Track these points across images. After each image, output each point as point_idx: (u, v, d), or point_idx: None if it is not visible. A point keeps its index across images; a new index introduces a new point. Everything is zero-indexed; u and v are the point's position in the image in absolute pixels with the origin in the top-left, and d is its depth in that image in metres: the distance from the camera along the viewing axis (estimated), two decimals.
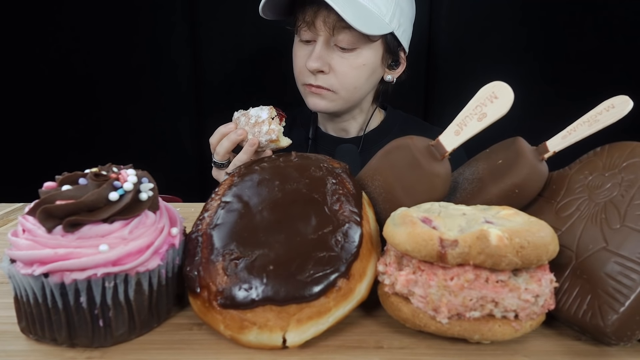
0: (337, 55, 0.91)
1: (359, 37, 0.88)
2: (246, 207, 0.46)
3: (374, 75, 0.97)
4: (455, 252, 0.37)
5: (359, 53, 0.91)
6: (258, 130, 0.78)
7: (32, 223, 0.40)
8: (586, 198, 0.46)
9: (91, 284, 0.38)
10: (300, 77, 0.97)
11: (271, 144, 0.79)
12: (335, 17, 0.86)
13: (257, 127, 0.78)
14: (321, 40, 0.90)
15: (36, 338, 0.41)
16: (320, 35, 0.90)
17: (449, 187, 0.51)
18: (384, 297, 0.43)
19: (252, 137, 0.78)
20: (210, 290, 0.41)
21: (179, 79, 1.31)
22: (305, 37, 0.93)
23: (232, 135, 0.79)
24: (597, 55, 1.23)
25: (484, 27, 1.25)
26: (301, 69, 0.95)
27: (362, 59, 0.92)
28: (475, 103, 0.48)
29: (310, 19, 0.89)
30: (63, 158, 1.33)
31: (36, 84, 1.30)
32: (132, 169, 0.44)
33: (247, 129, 0.79)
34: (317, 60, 0.90)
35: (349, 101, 0.97)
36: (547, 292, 0.39)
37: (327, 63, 0.91)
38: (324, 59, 0.91)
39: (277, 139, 0.78)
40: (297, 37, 0.97)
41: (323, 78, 0.93)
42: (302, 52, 0.95)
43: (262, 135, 0.78)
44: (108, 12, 1.26)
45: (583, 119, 0.50)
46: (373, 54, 0.93)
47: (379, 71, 0.97)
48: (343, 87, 0.93)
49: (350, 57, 0.91)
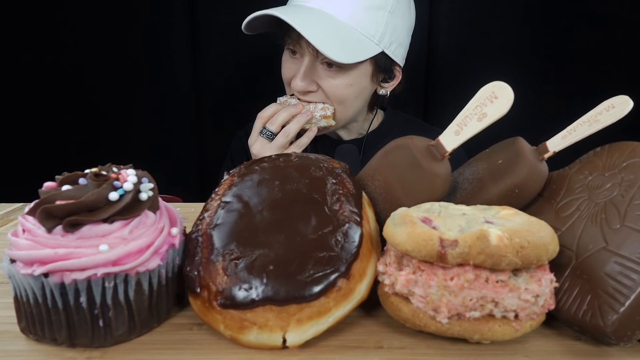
0: (324, 74, 0.90)
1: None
2: (246, 207, 0.46)
3: (363, 93, 0.96)
4: (455, 252, 0.37)
5: (345, 73, 0.90)
6: (314, 107, 0.89)
7: (32, 223, 0.40)
8: (586, 198, 0.46)
9: (91, 284, 0.38)
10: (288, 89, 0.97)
11: (323, 121, 0.89)
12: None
13: (312, 104, 0.89)
14: (306, 60, 0.89)
15: (36, 338, 0.41)
16: (305, 56, 0.89)
17: (449, 187, 0.51)
18: (384, 297, 0.43)
19: (313, 127, 0.89)
20: (210, 290, 0.41)
21: (179, 79, 1.32)
22: (293, 49, 0.92)
23: (290, 107, 0.86)
24: (597, 55, 1.23)
25: (484, 27, 1.25)
26: (288, 80, 0.95)
27: (349, 79, 0.90)
28: (475, 103, 0.48)
29: (296, 37, 0.88)
30: (63, 158, 1.33)
31: (36, 84, 1.30)
32: (132, 169, 0.44)
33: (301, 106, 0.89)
34: (304, 80, 0.90)
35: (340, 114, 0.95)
36: (547, 292, 0.39)
37: (313, 81, 0.91)
38: (311, 77, 0.90)
39: (330, 115, 0.89)
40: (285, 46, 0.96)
41: (312, 95, 0.92)
42: (289, 63, 0.94)
43: (318, 110, 0.88)
44: (108, 13, 1.26)
45: (583, 119, 0.50)
46: (361, 74, 0.92)
47: (369, 88, 0.96)
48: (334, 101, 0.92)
49: (338, 75, 0.90)
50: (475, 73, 1.20)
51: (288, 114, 0.87)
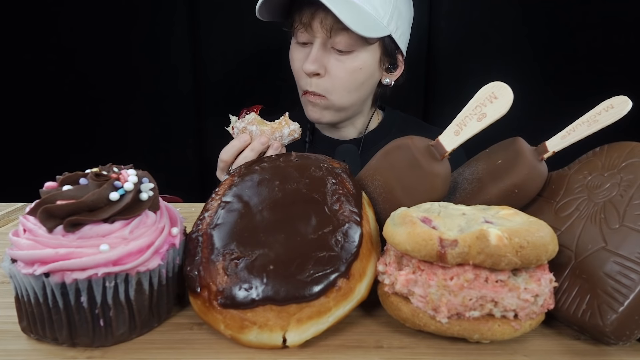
0: (334, 58, 0.91)
1: (357, 39, 0.88)
2: (246, 207, 0.46)
3: (371, 79, 0.96)
4: (455, 251, 0.37)
5: (356, 56, 0.91)
6: (279, 135, 0.78)
7: (33, 223, 0.40)
8: (585, 198, 0.47)
9: (92, 283, 0.38)
10: (298, 81, 0.97)
11: (288, 138, 0.80)
12: (333, 19, 0.85)
13: (278, 131, 0.78)
14: (318, 42, 0.90)
15: (37, 337, 0.41)
16: (317, 38, 0.90)
17: (448, 187, 0.51)
18: (383, 297, 0.43)
19: (275, 142, 0.78)
20: (210, 290, 0.41)
21: (179, 79, 1.32)
22: (302, 39, 0.92)
23: (256, 144, 0.76)
24: (597, 55, 1.23)
25: (484, 27, 1.25)
26: (298, 72, 0.95)
27: (359, 62, 0.91)
28: (474, 103, 0.48)
29: (307, 21, 0.89)
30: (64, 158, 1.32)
31: (36, 85, 1.30)
32: (132, 169, 0.44)
33: (266, 135, 0.78)
34: (314, 63, 0.90)
35: (339, 107, 0.95)
36: (546, 291, 0.39)
37: (323, 65, 0.91)
38: (321, 61, 0.90)
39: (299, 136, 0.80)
40: (293, 39, 0.96)
41: (317, 82, 0.92)
42: (299, 55, 0.94)
43: (285, 138, 0.79)
44: (108, 12, 1.26)
45: (582, 119, 0.50)
46: (370, 57, 0.92)
47: (376, 75, 0.97)
48: (335, 92, 0.93)
49: (347, 60, 0.91)
50: (475, 73, 1.20)
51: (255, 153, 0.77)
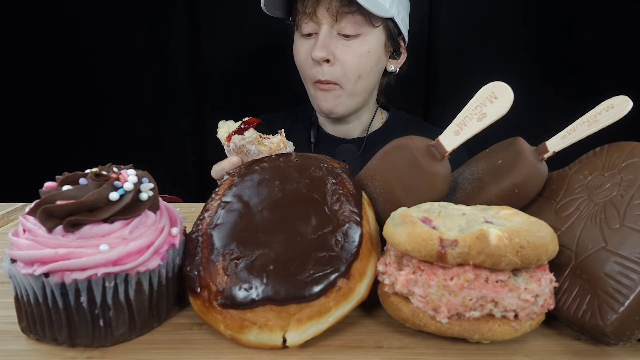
0: (341, 44, 0.91)
1: (362, 22, 0.89)
2: (246, 207, 0.46)
3: (378, 64, 0.96)
4: (455, 252, 0.37)
5: (362, 40, 0.91)
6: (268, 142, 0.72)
7: (32, 223, 0.40)
8: (586, 198, 0.47)
9: (91, 283, 0.38)
10: (307, 72, 0.96)
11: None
12: (338, 3, 0.86)
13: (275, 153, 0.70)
14: (324, 29, 0.90)
15: (37, 338, 0.41)
16: (322, 24, 0.90)
17: (448, 187, 0.51)
18: (384, 297, 0.43)
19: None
20: (210, 290, 0.41)
21: (179, 79, 1.32)
22: (307, 30, 0.93)
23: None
24: (596, 55, 1.23)
25: (484, 27, 1.25)
26: (305, 63, 0.95)
27: (366, 46, 0.92)
28: (475, 103, 0.48)
29: (312, 9, 0.89)
30: (63, 158, 1.33)
31: (36, 84, 1.30)
32: (132, 169, 0.44)
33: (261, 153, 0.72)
34: (322, 49, 0.90)
35: (353, 94, 0.96)
36: (546, 291, 0.39)
37: (331, 52, 0.91)
38: (329, 48, 0.90)
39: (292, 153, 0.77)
40: (297, 32, 0.96)
41: (329, 70, 0.92)
42: (304, 46, 0.95)
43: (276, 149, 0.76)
44: (108, 12, 1.26)
45: (583, 119, 0.50)
46: (376, 40, 0.93)
47: (382, 60, 0.97)
48: (347, 78, 0.93)
49: (354, 44, 0.91)
50: (475, 73, 1.21)
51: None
